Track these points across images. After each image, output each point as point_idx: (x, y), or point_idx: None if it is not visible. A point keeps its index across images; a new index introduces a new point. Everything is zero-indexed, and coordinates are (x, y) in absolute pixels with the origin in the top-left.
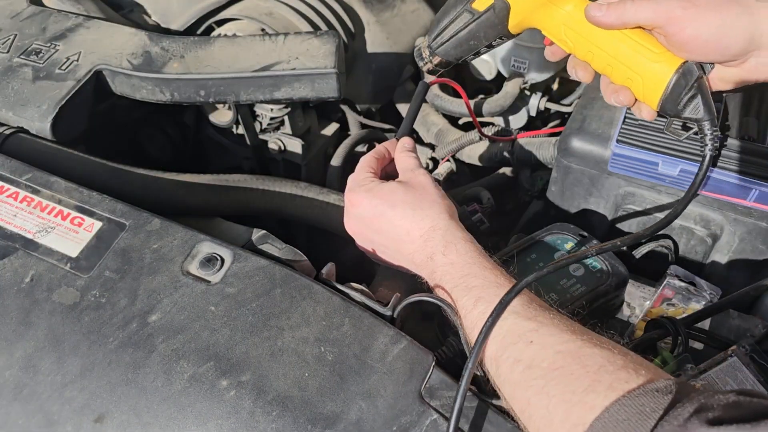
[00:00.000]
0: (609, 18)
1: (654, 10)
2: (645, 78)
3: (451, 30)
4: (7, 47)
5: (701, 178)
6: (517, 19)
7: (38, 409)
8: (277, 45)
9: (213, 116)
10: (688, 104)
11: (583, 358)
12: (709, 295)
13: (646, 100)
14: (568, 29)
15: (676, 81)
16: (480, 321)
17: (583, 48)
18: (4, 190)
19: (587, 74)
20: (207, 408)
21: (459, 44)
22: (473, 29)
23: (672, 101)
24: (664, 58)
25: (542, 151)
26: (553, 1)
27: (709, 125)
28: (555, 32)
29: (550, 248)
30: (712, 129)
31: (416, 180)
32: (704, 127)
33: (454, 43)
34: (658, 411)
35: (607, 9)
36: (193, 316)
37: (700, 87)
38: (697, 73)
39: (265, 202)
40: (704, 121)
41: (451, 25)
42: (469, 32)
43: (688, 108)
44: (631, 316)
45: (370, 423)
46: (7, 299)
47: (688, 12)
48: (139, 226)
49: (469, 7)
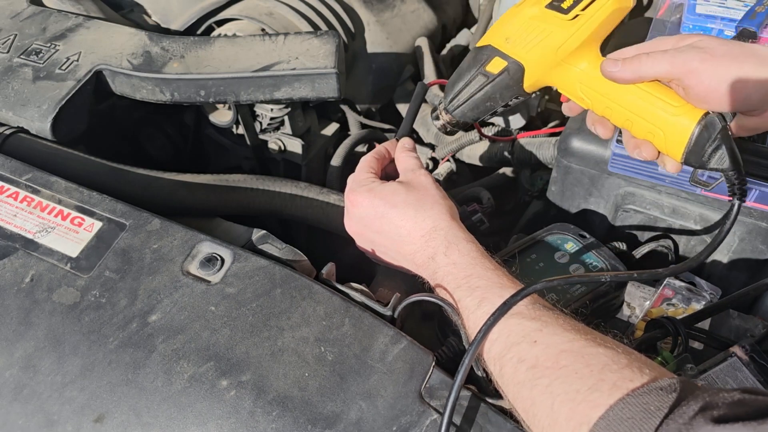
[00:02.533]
0: (625, 73)
1: (671, 63)
2: (666, 132)
3: (467, 93)
4: (7, 47)
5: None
6: (532, 80)
7: (38, 409)
8: (277, 45)
9: (213, 116)
10: (713, 155)
11: (588, 357)
12: (709, 295)
13: (670, 153)
14: (584, 87)
15: (698, 133)
16: (483, 322)
17: (601, 104)
18: (4, 190)
19: (607, 130)
20: (207, 408)
21: (475, 106)
22: (488, 91)
23: (696, 153)
24: (684, 111)
25: (542, 151)
26: (567, 60)
27: (736, 175)
28: (571, 90)
29: (550, 248)
30: (740, 178)
31: (417, 180)
32: (731, 177)
33: (470, 105)
34: (662, 409)
35: (623, 64)
36: (193, 316)
37: (723, 138)
38: (719, 124)
39: (265, 202)
40: (730, 171)
41: (466, 88)
42: (485, 94)
43: (713, 159)
44: (631, 316)
45: (370, 423)
46: (7, 299)
47: (706, 64)
48: (139, 226)
49: (483, 71)
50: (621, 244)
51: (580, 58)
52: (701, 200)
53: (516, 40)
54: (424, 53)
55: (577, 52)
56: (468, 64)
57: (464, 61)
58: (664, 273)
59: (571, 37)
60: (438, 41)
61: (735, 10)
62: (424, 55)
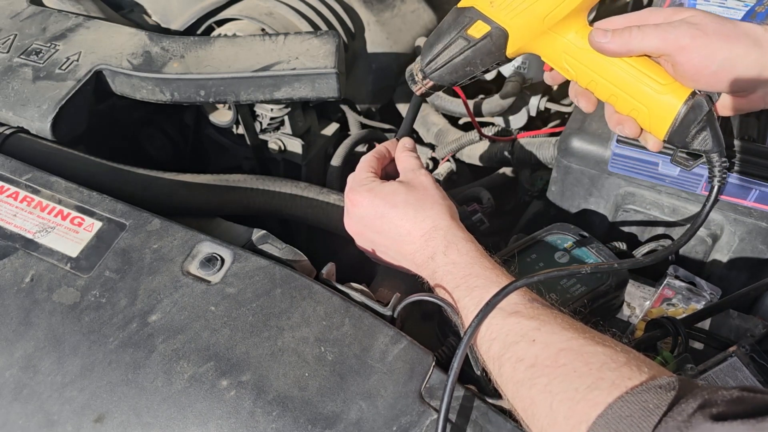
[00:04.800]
0: (614, 45)
1: (662, 38)
2: (651, 109)
3: (446, 56)
4: (7, 47)
5: (709, 208)
6: (515, 47)
7: (38, 409)
8: (277, 45)
9: (213, 116)
10: (697, 136)
11: (586, 356)
12: (709, 295)
13: (653, 131)
14: (570, 57)
15: (685, 114)
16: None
17: (586, 77)
18: (4, 190)
19: (589, 104)
20: (207, 408)
21: (454, 70)
22: (469, 56)
23: (680, 133)
24: (671, 90)
25: (542, 151)
26: (554, 29)
27: (717, 157)
28: (556, 60)
29: (550, 248)
30: (721, 160)
31: (417, 180)
32: (713, 159)
33: (449, 69)
34: (661, 407)
35: (613, 35)
36: (193, 316)
37: (709, 120)
38: (707, 107)
39: (265, 202)
40: (713, 153)
41: (445, 51)
42: (465, 58)
43: (696, 140)
44: (631, 316)
45: (370, 423)
46: (7, 299)
47: (697, 41)
48: (139, 226)
49: (465, 34)
50: (621, 244)
51: (567, 27)
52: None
53: (501, 4)
54: None
55: (565, 21)
56: (448, 26)
57: (444, 21)
58: (645, 261)
59: (559, 5)
60: None
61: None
62: None
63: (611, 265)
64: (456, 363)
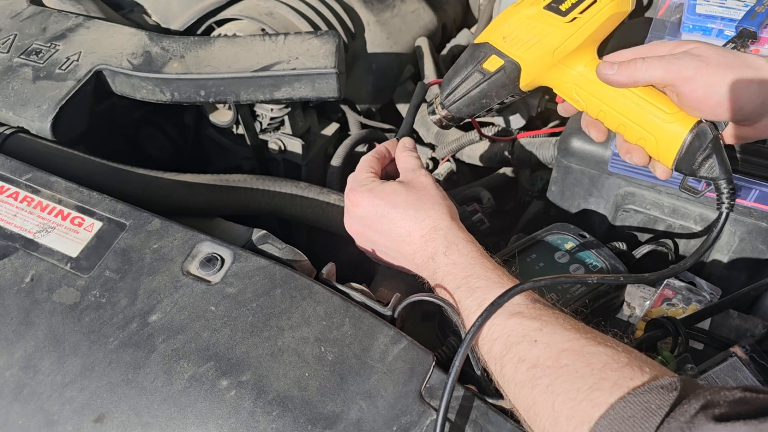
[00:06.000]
0: (620, 77)
1: (666, 69)
2: (658, 138)
3: (463, 89)
4: (7, 47)
5: (717, 233)
6: (528, 79)
7: (38, 409)
8: (277, 45)
9: (213, 116)
10: (703, 164)
11: (588, 356)
12: (709, 295)
13: (661, 159)
14: (580, 89)
15: (690, 142)
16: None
17: (595, 107)
18: (4, 190)
19: (600, 133)
20: (207, 408)
21: (471, 102)
22: (485, 89)
23: (687, 161)
24: (677, 119)
25: (542, 151)
26: (564, 62)
27: (725, 184)
28: (566, 91)
29: (550, 248)
30: (729, 187)
31: (418, 180)
32: (720, 185)
33: (466, 101)
34: (664, 408)
35: (619, 68)
36: (193, 316)
37: (715, 147)
38: (711, 134)
39: (265, 202)
40: (720, 180)
41: (462, 84)
42: (481, 91)
43: (703, 168)
44: (631, 316)
45: (370, 423)
46: (7, 299)
47: (701, 72)
48: (139, 226)
49: (480, 68)
50: (621, 244)
51: (576, 60)
52: (701, 200)
53: (513, 40)
54: (424, 53)
55: (574, 55)
56: (465, 61)
57: (461, 57)
58: (650, 278)
59: (568, 39)
60: (438, 41)
61: (735, 10)
62: (424, 55)
63: (617, 278)
64: (457, 362)
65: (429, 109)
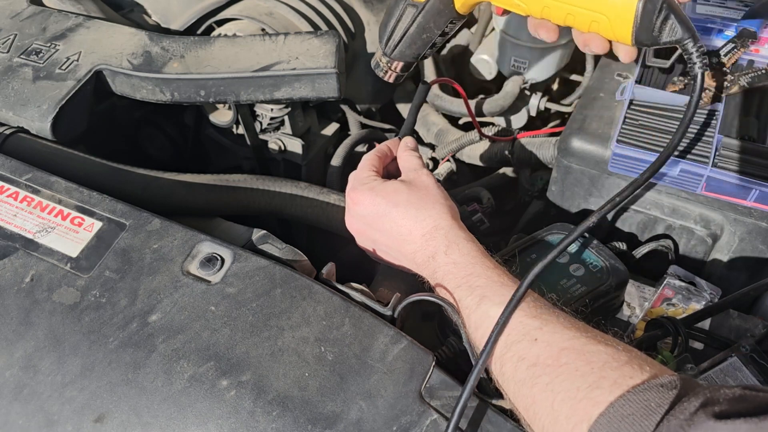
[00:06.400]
0: None
1: None
2: (610, 15)
3: (400, 30)
4: (7, 47)
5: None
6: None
7: (38, 409)
8: (277, 45)
9: (213, 116)
10: (663, 28)
11: (588, 355)
12: (709, 295)
13: (619, 38)
14: None
15: (643, 8)
16: (484, 320)
17: (538, 5)
18: (4, 190)
19: (550, 32)
20: (207, 408)
21: (412, 41)
22: (421, 22)
23: (645, 30)
24: None
25: (542, 151)
26: None
27: (692, 43)
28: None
29: (550, 248)
30: (697, 45)
31: (419, 180)
32: (688, 46)
33: (407, 42)
34: (663, 406)
35: None
36: (193, 316)
37: (670, 6)
38: None
39: (265, 202)
40: (686, 40)
41: (398, 25)
42: (418, 26)
43: (664, 32)
44: (631, 316)
45: (370, 423)
46: (7, 299)
47: None
48: (139, 226)
49: (411, 2)
50: (621, 244)
51: None
52: (701, 200)
53: None
54: None
55: None
56: (395, 1)
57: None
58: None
59: None
60: None
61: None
62: None
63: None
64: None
65: (374, 67)
